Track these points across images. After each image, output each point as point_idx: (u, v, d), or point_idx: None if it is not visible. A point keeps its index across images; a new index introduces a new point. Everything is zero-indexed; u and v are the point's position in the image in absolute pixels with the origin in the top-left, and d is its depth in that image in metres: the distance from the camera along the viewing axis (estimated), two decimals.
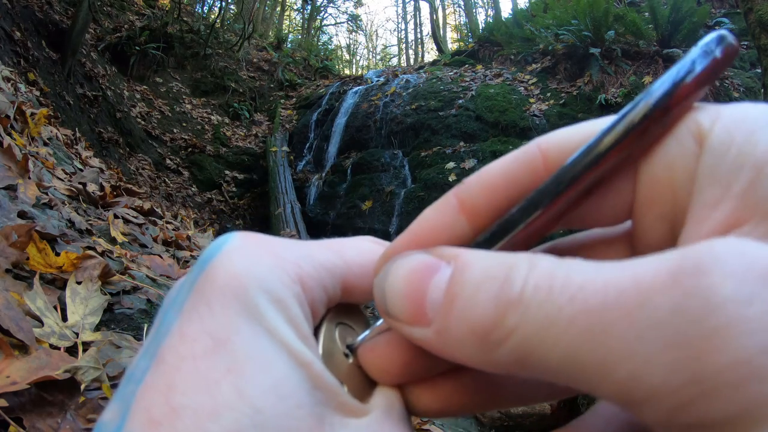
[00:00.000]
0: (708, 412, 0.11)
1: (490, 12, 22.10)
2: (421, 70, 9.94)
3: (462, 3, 24.32)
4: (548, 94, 6.99)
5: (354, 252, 0.20)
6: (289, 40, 16.99)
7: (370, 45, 34.91)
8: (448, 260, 0.16)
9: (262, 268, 0.17)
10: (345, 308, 0.21)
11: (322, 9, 24.36)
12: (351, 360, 0.20)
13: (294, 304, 0.17)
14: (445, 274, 0.15)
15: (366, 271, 0.20)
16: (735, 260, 0.12)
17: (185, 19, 10.11)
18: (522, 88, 7.33)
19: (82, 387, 0.76)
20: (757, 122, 0.15)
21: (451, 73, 8.46)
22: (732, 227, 0.14)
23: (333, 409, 0.16)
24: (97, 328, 1.01)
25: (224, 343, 0.15)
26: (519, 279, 0.14)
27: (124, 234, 1.76)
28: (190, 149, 7.99)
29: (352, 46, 32.25)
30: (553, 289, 0.13)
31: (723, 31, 0.16)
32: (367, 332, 0.20)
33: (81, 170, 2.51)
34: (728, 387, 0.11)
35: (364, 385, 0.20)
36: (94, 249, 1.33)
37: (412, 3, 29.96)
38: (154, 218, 2.35)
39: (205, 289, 0.17)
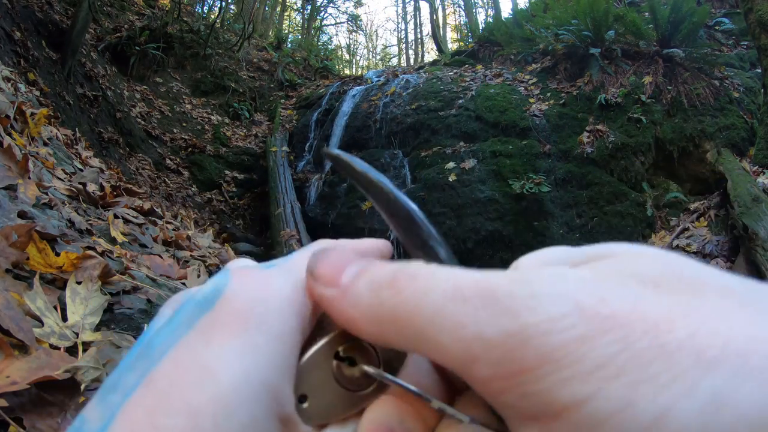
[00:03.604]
0: (524, 359, 0.14)
1: (490, 12, 22.09)
2: (421, 70, 9.92)
3: (462, 3, 24.31)
4: (548, 94, 6.99)
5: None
6: (289, 40, 16.98)
7: (370, 45, 34.91)
8: (361, 264, 0.20)
9: (260, 308, 0.20)
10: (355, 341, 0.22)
11: (322, 9, 24.36)
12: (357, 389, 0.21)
13: (289, 339, 0.20)
14: (360, 265, 0.20)
15: None
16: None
17: (185, 19, 10.11)
18: (522, 88, 7.32)
19: (82, 387, 0.76)
20: None
21: (451, 73, 8.45)
22: None
23: None
24: (97, 328, 1.01)
25: (213, 374, 0.17)
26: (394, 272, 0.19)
27: (124, 234, 1.76)
28: (190, 149, 7.99)
29: (352, 46, 32.25)
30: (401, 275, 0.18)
31: None
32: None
33: (81, 170, 2.51)
34: (538, 335, 0.14)
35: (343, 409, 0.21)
36: (94, 249, 1.33)
37: (412, 3, 29.97)
38: (154, 218, 2.35)
39: (204, 325, 0.19)
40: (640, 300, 0.14)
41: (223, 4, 12.20)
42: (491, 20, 14.90)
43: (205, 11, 13.83)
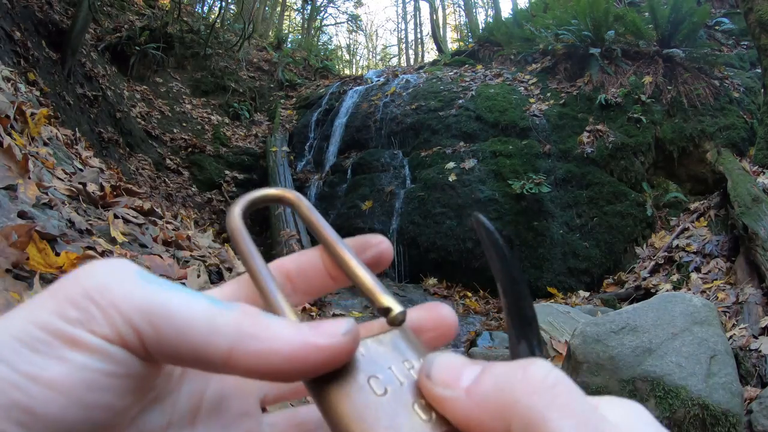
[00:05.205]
0: None
1: (490, 12, 22.09)
2: (421, 70, 9.92)
3: (462, 3, 24.32)
4: (548, 94, 6.99)
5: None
6: (289, 40, 16.98)
7: (370, 45, 34.90)
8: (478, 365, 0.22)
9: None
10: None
11: (322, 9, 24.36)
12: None
13: None
14: (478, 366, 0.22)
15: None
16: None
17: (185, 19, 10.11)
18: (522, 88, 7.32)
19: None
20: None
21: (451, 73, 8.45)
22: None
23: None
24: None
25: None
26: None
27: (124, 234, 1.76)
28: (190, 149, 7.98)
29: (352, 46, 32.25)
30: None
31: None
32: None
33: (81, 170, 2.51)
34: None
35: None
36: (94, 249, 1.33)
37: (412, 3, 29.96)
38: (154, 218, 2.34)
39: None
40: None
41: (223, 4, 12.21)
42: (491, 20, 14.91)
43: (205, 11, 13.86)
